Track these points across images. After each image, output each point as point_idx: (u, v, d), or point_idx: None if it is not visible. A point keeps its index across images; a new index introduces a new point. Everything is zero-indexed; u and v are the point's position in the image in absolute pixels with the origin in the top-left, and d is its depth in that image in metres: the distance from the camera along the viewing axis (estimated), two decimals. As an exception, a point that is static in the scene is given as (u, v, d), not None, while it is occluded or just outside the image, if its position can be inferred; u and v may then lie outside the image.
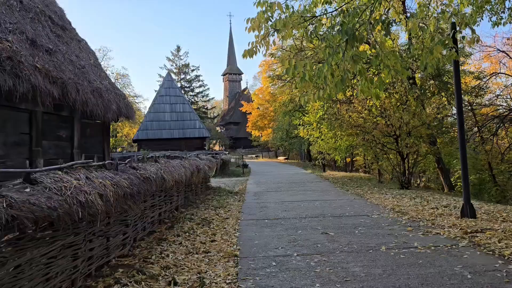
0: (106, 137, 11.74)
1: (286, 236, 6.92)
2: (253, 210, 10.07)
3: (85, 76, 9.48)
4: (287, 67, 4.94)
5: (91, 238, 4.93)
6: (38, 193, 3.24)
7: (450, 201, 10.44)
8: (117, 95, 10.98)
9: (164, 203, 8.69)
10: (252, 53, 6.02)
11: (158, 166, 7.34)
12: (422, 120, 13.92)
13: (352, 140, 17.11)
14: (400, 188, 14.55)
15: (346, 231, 7.13)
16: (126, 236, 6.06)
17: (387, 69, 4.76)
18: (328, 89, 5.01)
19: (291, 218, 8.64)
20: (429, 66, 5.18)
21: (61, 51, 9.08)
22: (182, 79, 70.04)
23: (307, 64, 4.86)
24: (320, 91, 5.10)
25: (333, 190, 14.04)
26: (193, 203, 11.29)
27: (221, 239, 6.87)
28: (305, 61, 4.93)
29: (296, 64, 4.92)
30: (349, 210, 9.43)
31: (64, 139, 9.46)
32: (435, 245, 5.91)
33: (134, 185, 5.40)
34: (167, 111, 35.33)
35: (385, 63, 4.74)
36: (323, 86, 5.09)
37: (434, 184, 27.25)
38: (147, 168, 6.39)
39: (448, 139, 17.18)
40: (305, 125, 24.42)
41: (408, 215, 8.44)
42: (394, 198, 11.50)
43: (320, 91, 5.10)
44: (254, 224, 8.18)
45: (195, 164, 10.71)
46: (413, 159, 14.57)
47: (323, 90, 5.04)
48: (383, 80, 5.02)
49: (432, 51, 4.94)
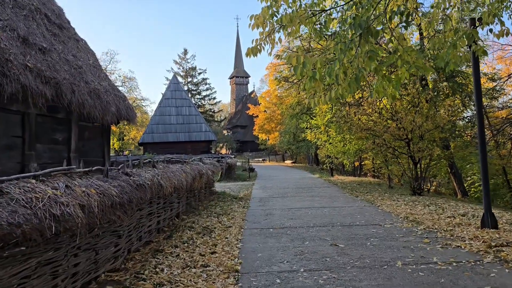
0: (106, 140, 11.30)
1: (292, 248, 6.39)
2: (258, 217, 9.56)
3: (82, 76, 9.07)
4: (295, 65, 4.44)
5: (76, 252, 4.46)
6: (0, 206, 2.76)
7: (467, 209, 9.83)
8: (117, 96, 10.56)
9: (164, 210, 8.22)
10: (256, 51, 5.53)
11: (156, 172, 6.87)
12: (435, 123, 13.31)
13: (362, 144, 16.52)
14: (412, 194, 13.93)
15: (357, 243, 6.58)
16: (119, 248, 5.58)
17: (406, 66, 4.23)
18: (340, 89, 4.50)
19: (297, 227, 8.11)
20: (452, 63, 4.64)
21: (57, 50, 8.68)
22: (189, 82, 69.87)
23: (317, 61, 4.36)
24: (331, 92, 4.59)
25: (342, 196, 13.46)
26: (196, 210, 10.81)
27: (222, 251, 6.37)
28: (315, 58, 4.43)
29: (305, 61, 4.42)
30: (359, 219, 8.87)
31: (61, 143, 9.03)
32: (456, 261, 5.35)
33: (125, 193, 4.93)
34: (173, 114, 34.99)
35: (405, 59, 4.22)
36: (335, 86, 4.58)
37: (444, 189, 26.51)
38: (142, 174, 5.92)
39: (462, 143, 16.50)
40: (313, 128, 23.87)
41: (423, 224, 7.86)
42: (407, 205, 10.91)
43: (331, 92, 4.59)
44: (258, 233, 7.66)
45: (197, 169, 10.23)
46: (425, 164, 13.95)
47: (335, 91, 4.53)
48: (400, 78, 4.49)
49: (456, 45, 4.41)
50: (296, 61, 4.40)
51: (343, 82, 4.50)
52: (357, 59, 4.31)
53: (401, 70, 4.52)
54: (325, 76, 4.51)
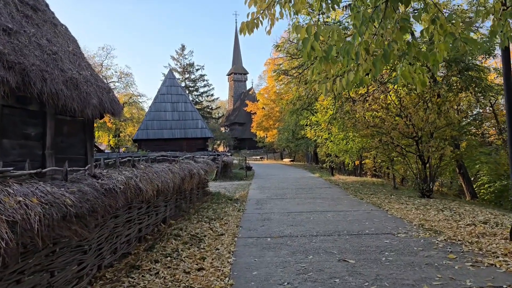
0: (89, 136, 10.25)
1: (294, 264, 5.41)
2: (254, 223, 8.57)
3: (57, 63, 8.03)
4: (304, 37, 3.45)
5: (19, 278, 3.47)
6: None
7: (486, 215, 8.86)
8: (99, 88, 9.51)
9: (147, 216, 7.22)
10: (252, 26, 4.49)
11: (134, 173, 5.86)
12: (449, 120, 12.30)
13: (366, 142, 15.52)
14: (420, 196, 12.95)
15: (370, 258, 5.60)
16: (83, 266, 4.58)
17: (450, 38, 3.24)
18: (361, 70, 3.50)
19: (299, 236, 7.12)
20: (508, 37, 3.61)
21: (27, 33, 7.66)
22: (186, 78, 68.79)
23: (333, 31, 3.37)
24: (348, 75, 3.59)
25: (345, 198, 12.48)
26: (186, 213, 9.82)
27: (210, 267, 5.38)
28: (331, 26, 3.44)
29: (317, 32, 3.42)
30: (368, 226, 7.89)
31: (33, 138, 8.01)
32: (495, 286, 4.37)
33: (86, 201, 3.92)
34: (168, 110, 33.96)
35: (447, 30, 3.23)
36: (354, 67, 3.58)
37: (447, 190, 25.57)
38: (114, 177, 4.91)
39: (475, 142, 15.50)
40: (313, 125, 22.87)
41: (443, 234, 6.88)
42: (418, 209, 9.93)
43: (348, 75, 3.59)
44: (253, 244, 6.67)
45: (187, 168, 9.22)
46: (435, 164, 12.97)
47: (354, 72, 3.53)
48: (440, 56, 3.49)
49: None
50: (306, 32, 3.40)
51: (366, 61, 3.50)
52: (385, 31, 3.32)
53: (439, 47, 3.52)
54: (343, 54, 3.51)
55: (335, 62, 3.89)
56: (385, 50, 3.27)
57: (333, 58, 3.83)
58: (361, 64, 3.55)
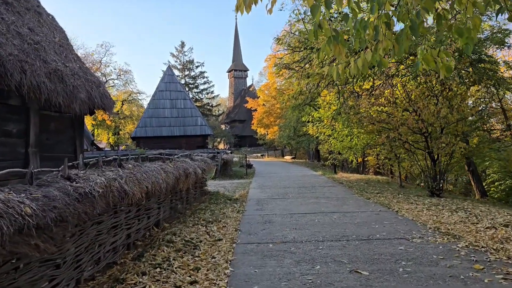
0: (78, 133, 9.62)
1: (299, 277, 4.77)
2: (254, 226, 7.93)
3: (39, 54, 7.39)
4: (313, 4, 2.79)
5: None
6: None
7: (505, 217, 8.20)
8: (88, 81, 8.87)
9: (137, 220, 6.59)
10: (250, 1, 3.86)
11: (119, 173, 5.23)
12: (462, 115, 11.63)
13: (371, 138, 14.85)
14: (430, 195, 12.29)
15: (385, 268, 4.96)
16: (56, 283, 3.95)
17: (494, 4, 2.61)
18: (380, 48, 2.85)
19: (303, 242, 6.48)
20: None
21: (5, 20, 7.02)
22: (186, 75, 68.08)
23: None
24: (366, 53, 2.94)
25: (351, 198, 11.83)
26: (182, 215, 9.19)
27: (205, 279, 4.74)
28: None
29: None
30: (378, 230, 7.25)
31: (15, 135, 7.38)
32: (536, 304, 3.74)
33: (52, 208, 3.29)
34: (167, 107, 33.28)
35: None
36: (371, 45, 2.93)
37: (453, 187, 24.93)
38: (92, 179, 4.26)
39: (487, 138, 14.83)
40: (315, 122, 22.20)
41: (463, 240, 6.24)
42: (429, 210, 9.28)
43: (366, 53, 2.94)
44: (254, 251, 6.03)
45: (182, 167, 8.59)
46: (445, 161, 12.30)
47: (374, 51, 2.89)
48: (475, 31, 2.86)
49: None
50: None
51: (386, 39, 2.85)
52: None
53: (473, 21, 2.88)
54: (359, 30, 2.85)
55: (345, 45, 3.25)
56: (412, 21, 2.62)
57: (343, 40, 3.18)
58: (380, 41, 2.90)
